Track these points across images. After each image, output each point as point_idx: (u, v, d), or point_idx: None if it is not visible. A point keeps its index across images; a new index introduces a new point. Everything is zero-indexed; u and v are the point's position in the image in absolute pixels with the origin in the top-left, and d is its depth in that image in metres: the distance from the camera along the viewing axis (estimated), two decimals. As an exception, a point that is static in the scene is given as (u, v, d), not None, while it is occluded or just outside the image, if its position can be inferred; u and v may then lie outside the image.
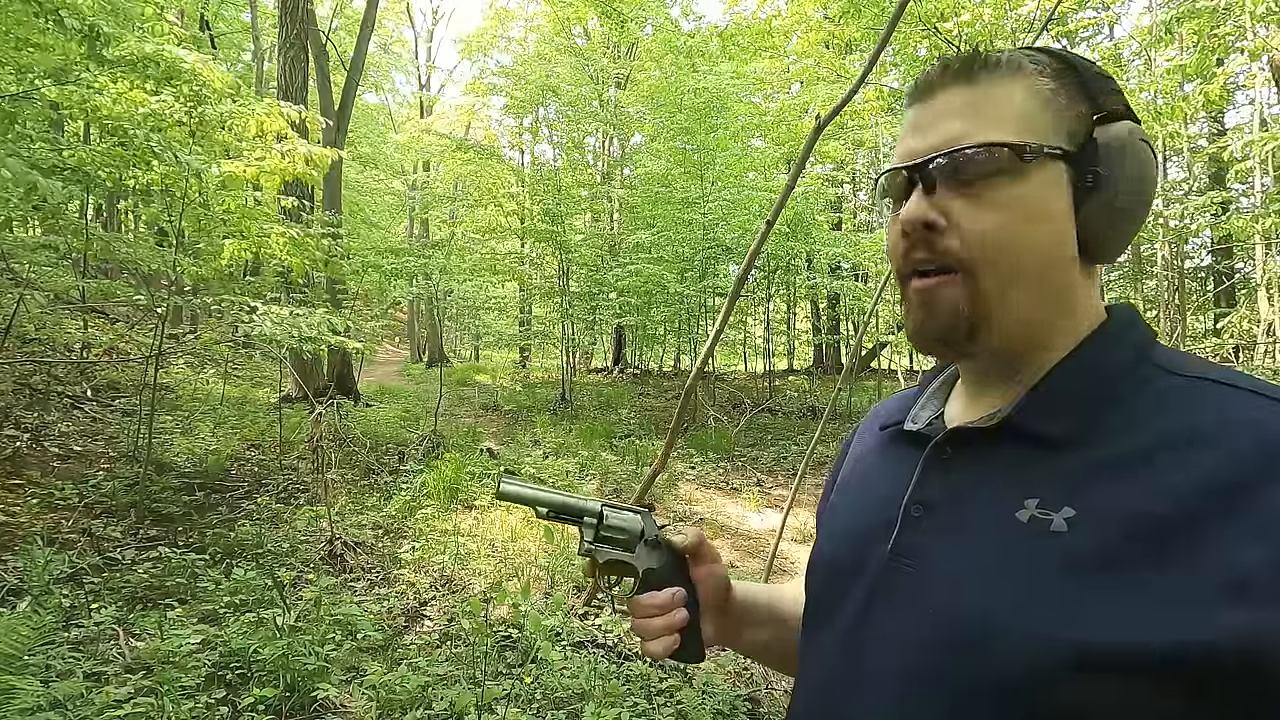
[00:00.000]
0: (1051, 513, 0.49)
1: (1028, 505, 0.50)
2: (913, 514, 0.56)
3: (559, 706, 2.70)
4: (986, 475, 0.54)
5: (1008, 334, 0.54)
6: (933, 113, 0.56)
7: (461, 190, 15.97)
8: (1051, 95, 0.54)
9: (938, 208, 0.54)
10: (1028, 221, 0.52)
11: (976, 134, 0.53)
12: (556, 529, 4.63)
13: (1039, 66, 0.55)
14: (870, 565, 0.58)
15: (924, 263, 0.55)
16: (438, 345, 20.15)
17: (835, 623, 0.60)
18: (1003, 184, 0.52)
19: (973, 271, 0.53)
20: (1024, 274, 0.53)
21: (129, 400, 6.54)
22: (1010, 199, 0.52)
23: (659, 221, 11.90)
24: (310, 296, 8.22)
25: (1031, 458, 0.52)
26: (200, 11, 14.22)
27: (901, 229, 0.55)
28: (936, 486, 0.56)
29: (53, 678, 2.41)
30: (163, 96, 4.50)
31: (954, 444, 0.57)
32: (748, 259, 3.23)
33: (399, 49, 26.91)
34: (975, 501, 0.54)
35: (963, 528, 0.53)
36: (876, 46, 2.55)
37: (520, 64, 15.09)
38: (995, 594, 0.48)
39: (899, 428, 0.66)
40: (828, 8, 11.15)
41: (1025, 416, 0.53)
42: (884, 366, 13.64)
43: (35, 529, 3.78)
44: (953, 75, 0.56)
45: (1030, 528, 0.49)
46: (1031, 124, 0.53)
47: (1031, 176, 0.52)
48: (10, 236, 7.58)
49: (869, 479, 0.67)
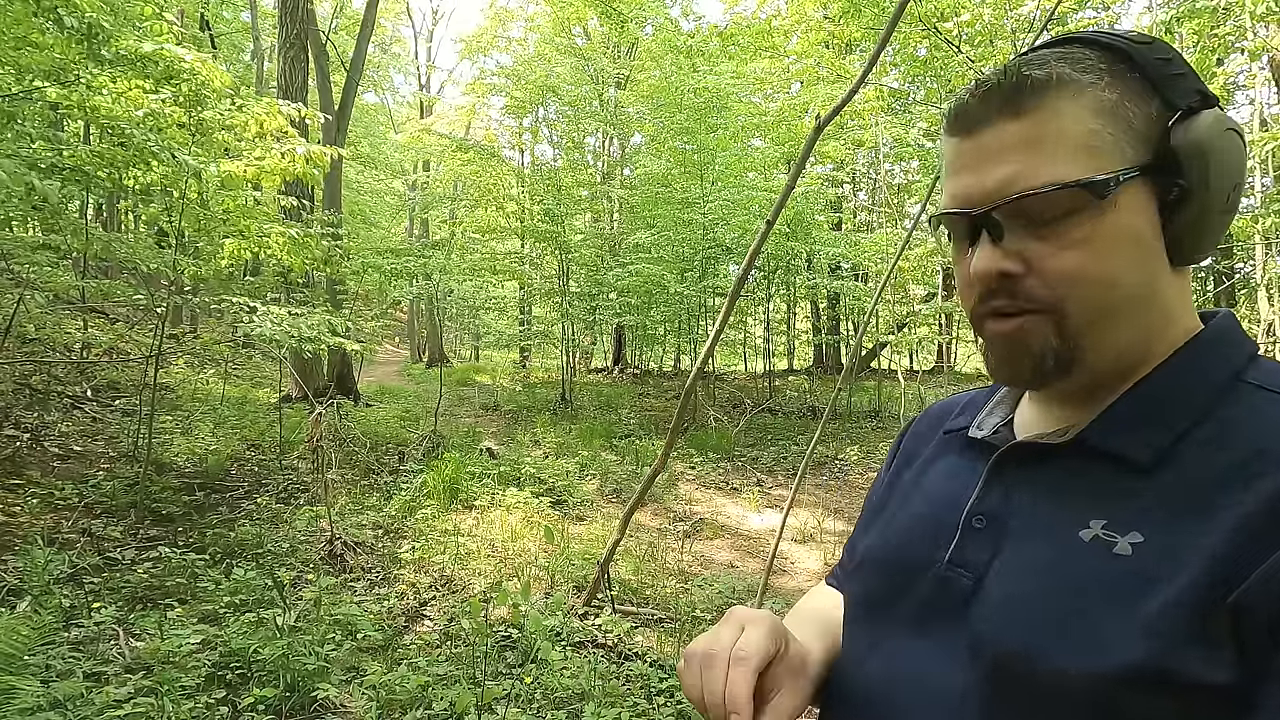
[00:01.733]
0: (1117, 535, 0.46)
1: (1093, 525, 0.48)
2: (974, 525, 0.54)
3: (559, 706, 2.70)
4: (1053, 492, 0.52)
5: (1101, 364, 0.51)
6: (983, 151, 0.51)
7: (461, 190, 15.98)
8: (1115, 105, 0.49)
9: (1011, 255, 0.50)
10: (1113, 253, 0.49)
11: (1040, 173, 0.48)
12: (556, 529, 4.64)
13: (1092, 73, 0.49)
14: (929, 570, 0.56)
15: (1004, 308, 0.52)
16: (438, 345, 20.15)
17: (891, 622, 0.58)
18: (1080, 221, 0.48)
19: (1060, 310, 0.50)
20: (1114, 304, 0.49)
21: (129, 400, 6.54)
22: (1091, 235, 0.48)
23: (659, 221, 11.89)
24: (310, 296, 8.23)
25: (1103, 477, 0.50)
26: (200, 11, 14.22)
27: (973, 279, 0.52)
28: (1000, 499, 0.54)
29: (53, 678, 2.41)
30: (162, 96, 4.50)
31: (1021, 456, 0.55)
32: (748, 259, 3.23)
33: (399, 49, 26.93)
34: (1039, 518, 0.51)
35: (1024, 543, 0.51)
36: (876, 46, 2.55)
37: (520, 64, 15.09)
38: (1049, 612, 0.46)
39: (964, 433, 0.63)
40: (828, 8, 11.15)
41: (1100, 434, 0.51)
42: (884, 366, 13.63)
43: (35, 529, 3.78)
44: (998, 106, 0.50)
45: (1092, 548, 0.47)
46: (1100, 149, 0.48)
47: (1110, 207, 0.48)
48: (10, 236, 7.57)
49: (933, 482, 0.64)
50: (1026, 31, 5.72)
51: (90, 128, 8.61)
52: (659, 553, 4.81)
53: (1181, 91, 0.50)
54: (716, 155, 11.22)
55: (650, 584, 4.24)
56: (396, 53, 26.86)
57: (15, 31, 3.96)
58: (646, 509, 5.85)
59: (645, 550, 4.82)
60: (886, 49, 4.60)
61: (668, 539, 5.20)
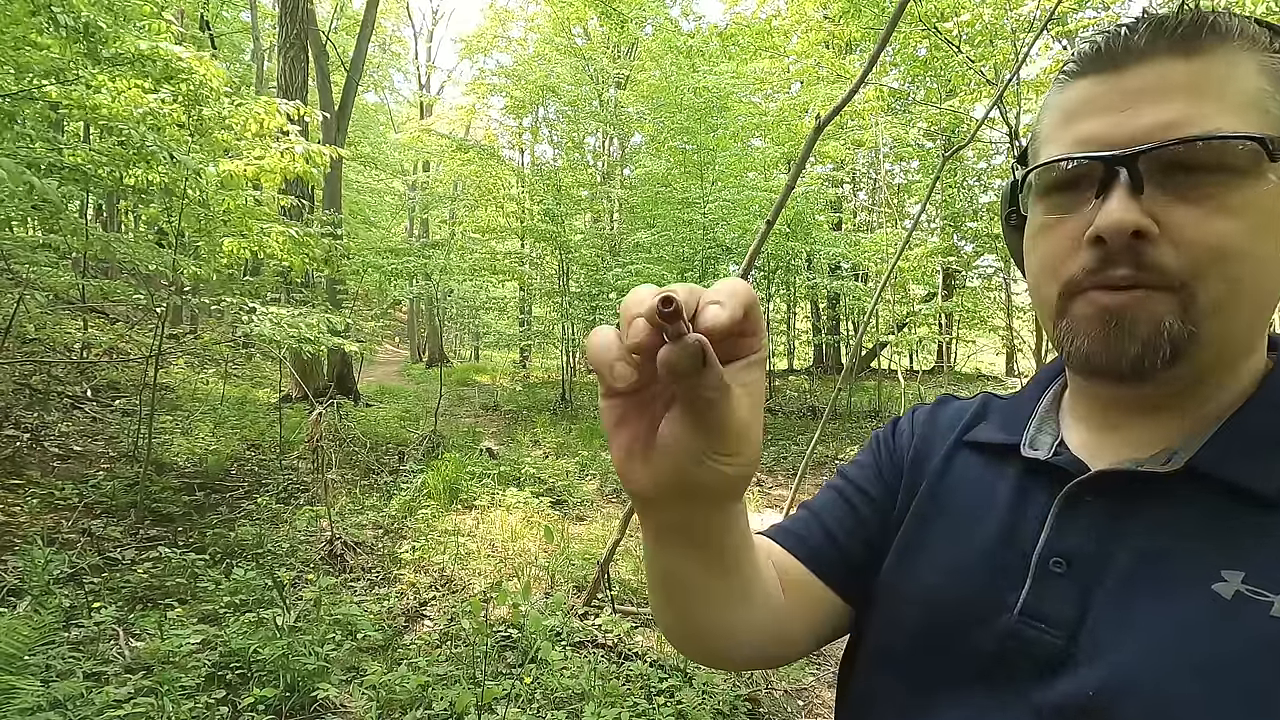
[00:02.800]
0: (1267, 593, 0.38)
1: (1228, 578, 0.39)
2: (1052, 569, 0.45)
3: (559, 706, 2.70)
4: (1159, 532, 0.43)
5: (1206, 360, 0.44)
6: (1136, 87, 0.44)
7: (461, 190, 15.98)
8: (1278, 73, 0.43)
9: (1149, 212, 0.43)
10: (1265, 232, 0.42)
11: (1208, 120, 0.42)
12: (556, 529, 4.64)
13: (1258, 38, 0.44)
14: (994, 618, 0.47)
15: (1121, 279, 0.43)
16: (438, 345, 20.17)
17: (944, 679, 0.49)
18: (1239, 185, 0.41)
19: (1189, 289, 0.42)
20: (1249, 293, 0.43)
21: (129, 400, 6.54)
22: (1247, 204, 0.41)
23: (659, 221, 11.90)
24: (310, 296, 8.23)
25: (1229, 515, 0.41)
26: (200, 11, 14.22)
27: (1097, 236, 0.43)
28: (1084, 538, 0.45)
29: (53, 678, 2.41)
30: (161, 95, 4.49)
31: (1104, 487, 0.46)
32: (748, 259, 3.23)
33: (399, 49, 26.94)
34: (1149, 564, 0.42)
35: (1134, 599, 0.42)
36: (876, 46, 2.55)
37: (520, 64, 15.09)
38: (1214, 694, 0.38)
39: (1008, 448, 0.53)
40: (828, 8, 11.15)
41: (1219, 461, 0.43)
42: (884, 366, 13.64)
43: (35, 529, 3.78)
44: (1169, 42, 0.43)
45: (1236, 606, 0.38)
46: (1271, 112, 0.42)
47: (1271, 177, 0.42)
48: (10, 236, 7.58)
49: (969, 505, 0.53)
50: (1026, 31, 5.72)
51: (90, 127, 8.62)
52: (659, 553, 4.80)
53: None
54: (716, 155, 11.23)
55: (650, 584, 4.24)
56: (396, 52, 26.88)
57: (14, 31, 3.96)
58: (646, 509, 5.84)
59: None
60: (886, 49, 4.61)
61: (668, 539, 5.20)
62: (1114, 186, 0.43)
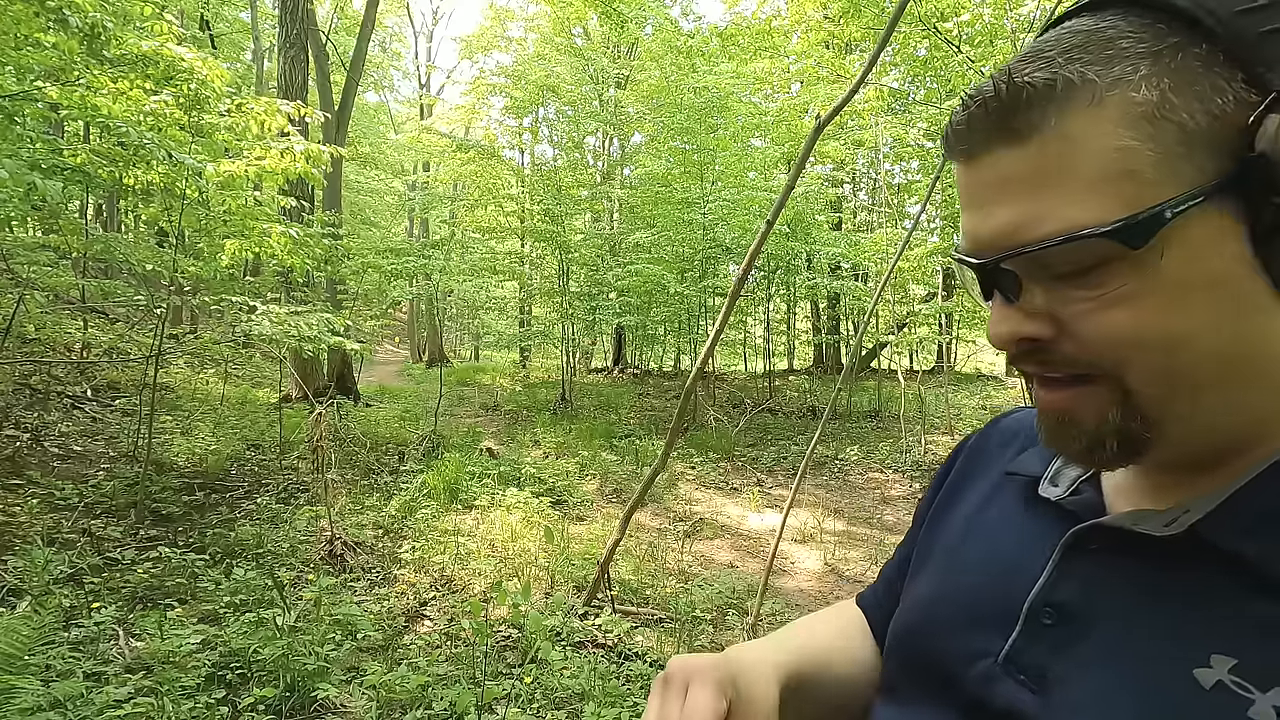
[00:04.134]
0: (1254, 689, 0.33)
1: (1215, 664, 0.35)
2: (1043, 620, 0.42)
3: (559, 706, 2.70)
4: (1153, 598, 0.39)
5: (1195, 439, 0.39)
6: (983, 181, 0.39)
7: (461, 190, 15.97)
8: (1159, 105, 0.34)
9: (1036, 315, 0.39)
10: (1177, 307, 0.35)
11: (1048, 217, 0.36)
12: (556, 529, 4.64)
13: (1123, 61, 0.35)
14: (978, 660, 0.44)
15: (1045, 372, 0.40)
16: (438, 345, 20.17)
17: (926, 713, 0.48)
18: (1121, 271, 0.35)
19: (1119, 379, 0.37)
20: (1193, 370, 0.36)
21: (129, 400, 6.54)
22: (1140, 290, 0.35)
23: (659, 221, 11.91)
24: (310, 296, 8.23)
25: (1226, 591, 0.36)
26: (200, 11, 14.23)
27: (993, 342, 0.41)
28: (1078, 591, 0.42)
29: (53, 678, 2.41)
30: (162, 96, 4.50)
31: (1106, 539, 0.42)
32: (748, 259, 3.23)
33: (399, 49, 26.95)
34: (1134, 634, 0.38)
35: (1110, 668, 0.38)
36: (876, 46, 2.55)
37: (520, 64, 15.08)
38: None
39: (1030, 482, 0.50)
40: (828, 8, 11.14)
41: (1219, 530, 0.37)
42: (884, 366, 13.64)
43: (35, 529, 3.78)
44: (992, 132, 0.38)
45: (1216, 699, 0.34)
46: (1137, 173, 0.34)
47: (1165, 247, 0.34)
48: (10, 236, 7.58)
49: (988, 537, 0.50)
50: (1026, 31, 5.72)
51: (90, 127, 8.62)
52: (659, 553, 4.81)
53: (1273, 52, 0.33)
54: (716, 155, 11.24)
55: (650, 584, 4.24)
56: (397, 52, 26.89)
57: (16, 31, 3.96)
58: (646, 509, 5.85)
59: (645, 550, 4.82)
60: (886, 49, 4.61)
61: (668, 539, 5.20)
62: (993, 293, 0.40)
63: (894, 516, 6.45)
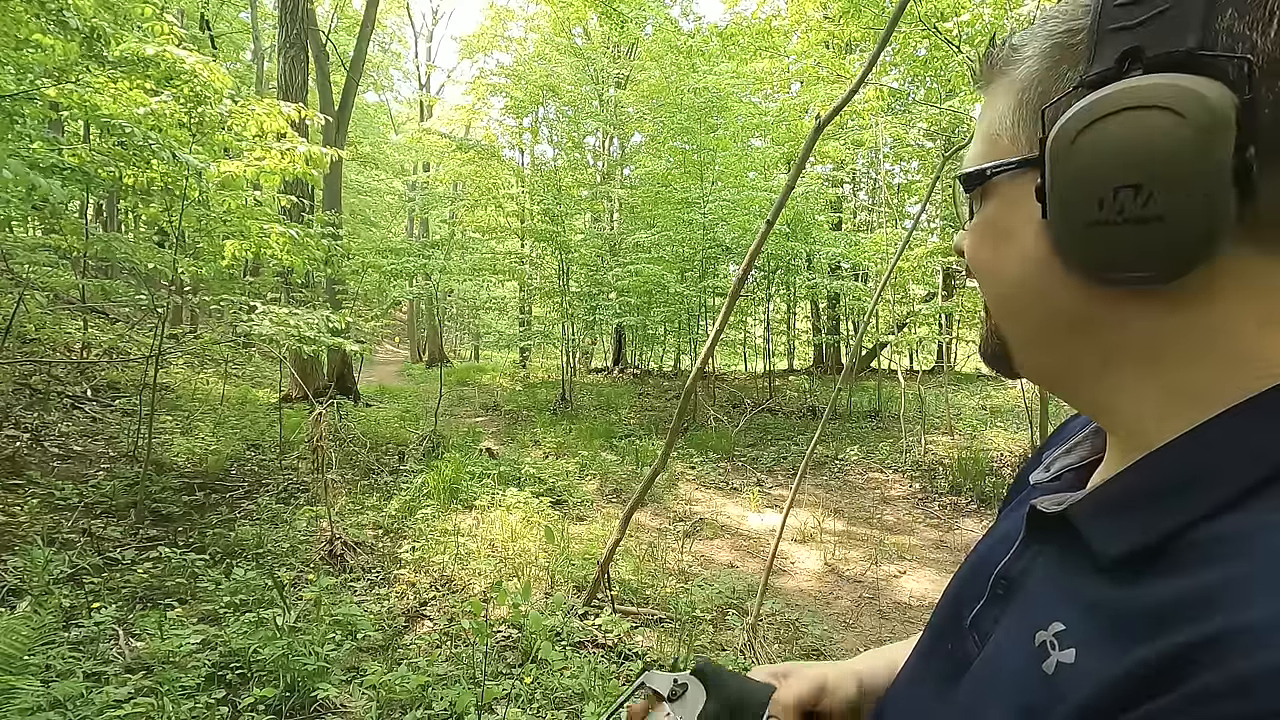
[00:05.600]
0: (1054, 649, 0.37)
1: (1050, 628, 0.39)
2: (997, 590, 0.47)
3: (559, 706, 2.70)
4: (1049, 571, 0.44)
5: (1031, 375, 0.47)
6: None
7: (461, 190, 15.97)
8: (1028, 82, 0.41)
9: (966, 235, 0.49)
10: (988, 243, 0.45)
11: (969, 157, 0.47)
12: (556, 529, 4.64)
13: (1043, 39, 0.41)
14: (960, 626, 0.50)
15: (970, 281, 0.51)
16: (438, 345, 20.17)
17: (927, 673, 0.53)
18: (976, 210, 0.46)
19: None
20: (1005, 300, 0.45)
21: (129, 400, 6.54)
22: (975, 227, 0.46)
23: (659, 221, 11.91)
24: (310, 296, 8.23)
25: (1080, 569, 0.40)
26: (200, 11, 14.23)
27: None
28: (1024, 565, 0.46)
29: (53, 678, 2.41)
30: (163, 97, 4.50)
31: (1033, 520, 0.47)
32: (748, 259, 3.23)
33: (399, 49, 26.94)
34: (1029, 599, 0.43)
35: (1007, 627, 0.44)
36: (876, 46, 2.55)
37: (520, 64, 15.08)
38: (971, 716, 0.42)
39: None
40: (828, 8, 11.15)
41: (1082, 515, 0.41)
42: (884, 366, 13.64)
43: (35, 529, 3.79)
44: (980, 78, 0.47)
45: (1033, 654, 0.39)
46: (998, 137, 0.43)
47: (987, 197, 0.44)
48: (10, 236, 7.58)
49: (1000, 524, 0.56)
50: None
51: (90, 127, 8.63)
52: (659, 553, 4.81)
53: (1109, 49, 0.36)
54: (716, 155, 11.24)
55: (650, 584, 4.24)
56: (397, 52, 26.88)
57: (16, 32, 3.96)
58: (646, 509, 5.86)
59: (645, 550, 4.82)
60: (886, 49, 4.61)
61: (668, 539, 5.20)
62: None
63: (894, 516, 6.44)
